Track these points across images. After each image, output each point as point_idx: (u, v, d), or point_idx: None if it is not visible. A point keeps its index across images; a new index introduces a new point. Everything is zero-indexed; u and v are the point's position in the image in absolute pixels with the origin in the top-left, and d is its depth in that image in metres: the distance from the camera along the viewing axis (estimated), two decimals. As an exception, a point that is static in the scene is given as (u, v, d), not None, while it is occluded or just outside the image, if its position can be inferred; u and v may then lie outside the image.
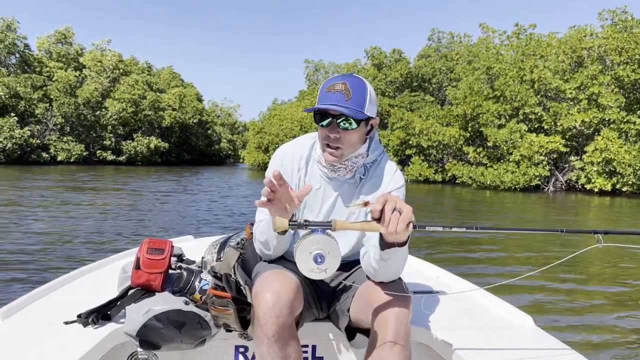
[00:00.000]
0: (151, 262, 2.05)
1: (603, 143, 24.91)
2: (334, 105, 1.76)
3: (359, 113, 1.78)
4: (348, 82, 1.80)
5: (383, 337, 1.66)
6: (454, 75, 36.22)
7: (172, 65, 73.15)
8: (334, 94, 1.77)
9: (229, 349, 2.18)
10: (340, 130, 1.81)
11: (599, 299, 5.52)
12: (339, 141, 1.82)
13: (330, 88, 1.80)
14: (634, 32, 27.08)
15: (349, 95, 1.77)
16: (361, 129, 1.85)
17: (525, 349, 1.93)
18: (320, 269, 1.44)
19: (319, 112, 1.81)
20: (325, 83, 1.86)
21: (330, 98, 1.78)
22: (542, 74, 27.65)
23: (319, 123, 1.83)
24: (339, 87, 1.78)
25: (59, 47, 48.90)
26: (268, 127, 50.21)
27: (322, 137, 1.87)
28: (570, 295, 5.63)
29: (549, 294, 5.64)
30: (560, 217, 15.04)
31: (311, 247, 1.43)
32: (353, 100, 1.78)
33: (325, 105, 1.77)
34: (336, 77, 1.84)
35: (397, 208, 1.46)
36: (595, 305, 5.28)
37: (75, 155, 44.52)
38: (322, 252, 1.43)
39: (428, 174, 32.85)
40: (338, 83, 1.79)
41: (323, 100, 1.79)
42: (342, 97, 1.77)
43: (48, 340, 1.85)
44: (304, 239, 1.45)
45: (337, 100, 1.76)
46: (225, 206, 14.27)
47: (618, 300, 5.49)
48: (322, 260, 1.43)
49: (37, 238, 7.93)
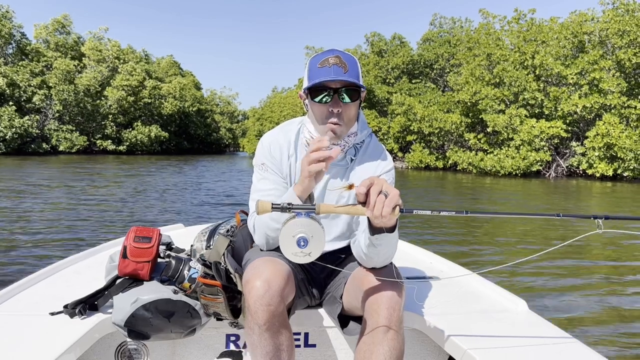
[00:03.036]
0: (138, 251, 2.00)
1: (604, 128, 24.85)
2: (340, 77, 1.71)
3: (358, 83, 1.75)
4: (341, 56, 1.76)
5: (376, 324, 1.63)
6: (455, 60, 36.05)
7: (172, 55, 72.96)
8: (330, 68, 1.72)
9: (220, 338, 2.15)
10: (342, 104, 1.76)
11: (594, 284, 5.50)
12: (340, 116, 1.78)
13: (324, 63, 1.74)
14: (636, 15, 26.86)
15: (346, 67, 1.73)
16: (357, 102, 1.82)
17: (519, 334, 1.92)
18: (304, 252, 1.41)
19: (319, 87, 1.75)
20: (314, 60, 1.79)
21: (326, 72, 1.72)
22: (544, 60, 27.50)
23: (317, 100, 1.77)
24: (334, 61, 1.73)
25: (57, 37, 48.65)
26: (268, 113, 50.17)
27: (321, 115, 1.80)
28: (566, 280, 5.61)
29: (546, 279, 5.62)
30: (563, 202, 15.02)
31: (294, 231, 1.40)
32: (350, 72, 1.74)
33: (331, 77, 1.71)
34: (324, 53, 1.79)
35: (382, 191, 1.42)
36: (591, 290, 5.26)
37: (78, 146, 44.53)
38: (306, 235, 1.40)
39: (429, 160, 32.83)
40: (331, 57, 1.74)
41: (318, 75, 1.73)
42: (340, 70, 1.72)
43: (34, 332, 1.81)
44: (287, 222, 1.42)
45: (335, 74, 1.71)
46: (224, 195, 14.26)
47: (613, 285, 5.48)
48: (306, 244, 1.40)
49: (24, 228, 7.86)
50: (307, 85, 1.74)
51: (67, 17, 49.62)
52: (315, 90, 1.77)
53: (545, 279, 5.62)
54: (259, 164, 1.93)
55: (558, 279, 5.63)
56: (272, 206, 1.41)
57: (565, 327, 2.03)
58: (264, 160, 1.92)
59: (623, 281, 5.64)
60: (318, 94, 1.76)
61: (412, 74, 40.20)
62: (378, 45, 41.52)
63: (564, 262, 6.45)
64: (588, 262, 6.59)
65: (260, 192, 1.89)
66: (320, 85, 1.74)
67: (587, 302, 4.80)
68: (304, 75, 1.87)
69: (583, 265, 6.43)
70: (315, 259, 1.45)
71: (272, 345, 1.64)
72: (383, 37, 42.07)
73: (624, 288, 5.35)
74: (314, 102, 1.79)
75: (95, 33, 51.50)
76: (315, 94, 1.77)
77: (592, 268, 6.29)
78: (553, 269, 6.07)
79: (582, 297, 4.95)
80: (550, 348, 1.80)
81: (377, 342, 1.62)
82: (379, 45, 41.48)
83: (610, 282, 5.61)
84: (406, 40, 42.18)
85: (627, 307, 4.64)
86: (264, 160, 1.92)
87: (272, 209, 1.41)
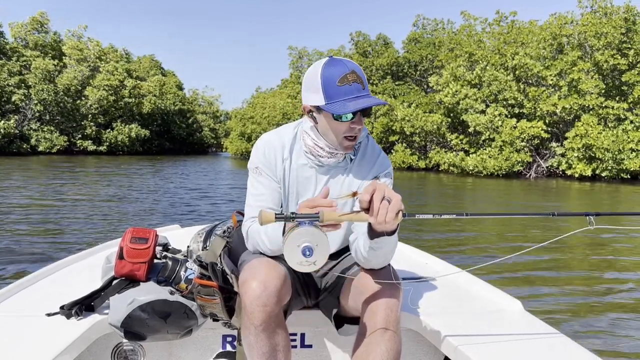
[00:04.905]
0: (135, 252, 2.00)
1: (583, 129, 25.26)
2: (361, 99, 1.70)
3: (376, 97, 1.77)
4: (355, 70, 1.73)
5: (373, 325, 1.65)
6: (438, 62, 36.33)
7: (154, 54, 72.18)
8: (350, 86, 1.70)
9: (216, 339, 2.16)
10: (362, 119, 1.77)
11: (588, 281, 5.60)
12: (359, 130, 1.79)
13: (343, 80, 1.70)
14: (613, 18, 27.40)
15: (363, 83, 1.72)
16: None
17: (514, 334, 1.93)
18: (309, 261, 1.40)
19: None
20: (328, 76, 1.73)
21: (349, 91, 1.70)
22: (523, 61, 27.86)
23: (338, 119, 1.74)
24: (352, 78, 1.71)
25: (35, 35, 47.78)
26: (251, 113, 49.93)
27: (340, 131, 1.77)
28: (560, 278, 5.70)
29: (539, 277, 5.71)
30: (546, 202, 15.23)
31: (299, 240, 1.39)
32: (366, 86, 1.74)
33: (356, 102, 1.69)
34: (337, 67, 1.73)
35: (385, 197, 1.43)
36: (584, 288, 5.35)
37: (57, 146, 43.82)
38: (311, 244, 1.39)
39: (411, 161, 32.99)
40: (348, 74, 1.71)
41: (341, 94, 1.70)
42: (359, 87, 1.71)
43: (30, 333, 1.80)
44: (291, 232, 1.40)
45: (357, 92, 1.70)
46: (212, 195, 14.18)
47: (607, 282, 5.58)
48: (311, 253, 1.38)
49: (19, 229, 7.78)
50: (339, 110, 1.70)
51: (44, 15, 48.68)
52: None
53: (538, 276, 5.72)
54: (253, 167, 1.92)
55: (551, 277, 5.73)
56: (275, 216, 1.39)
57: (560, 326, 2.07)
58: (257, 164, 1.90)
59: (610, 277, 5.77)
60: (343, 114, 1.73)
61: (396, 75, 40.38)
62: (362, 46, 41.60)
63: (556, 259, 6.57)
64: (580, 259, 6.74)
65: (254, 196, 1.89)
66: (363, 109, 1.71)
67: (583, 301, 4.87)
68: (306, 85, 1.82)
69: (575, 261, 6.57)
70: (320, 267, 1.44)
71: (269, 346, 1.65)
72: (368, 37, 42.16)
73: (622, 285, 5.45)
74: (332, 119, 1.76)
75: (74, 31, 50.70)
76: (337, 115, 1.73)
77: (585, 264, 6.42)
78: (547, 266, 6.20)
79: (579, 296, 5.02)
80: (545, 348, 1.82)
81: (374, 343, 1.63)
82: (363, 46, 41.56)
83: (606, 279, 5.72)
84: (391, 41, 42.35)
85: (625, 308, 4.72)
86: (257, 164, 1.90)
87: (276, 219, 1.40)
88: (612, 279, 5.75)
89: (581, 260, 6.76)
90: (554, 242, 1.93)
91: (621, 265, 6.50)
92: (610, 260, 6.76)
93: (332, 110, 1.72)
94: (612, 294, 5.17)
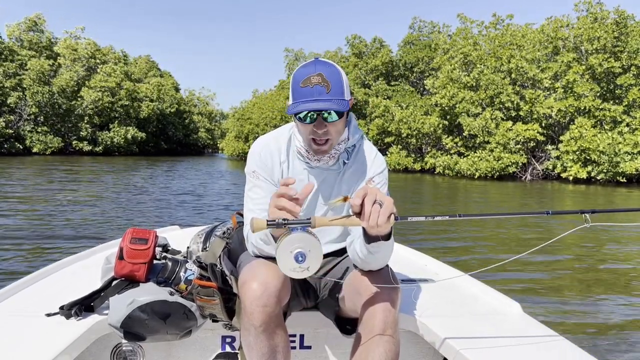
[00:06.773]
0: (135, 252, 2.00)
1: (578, 132, 25.35)
2: (317, 102, 1.65)
3: (342, 103, 1.68)
4: (324, 73, 1.67)
5: (372, 326, 1.66)
6: (435, 64, 36.42)
7: (149, 55, 72.02)
8: (312, 89, 1.66)
9: (215, 340, 2.16)
10: (327, 123, 1.72)
11: (585, 282, 5.63)
12: (327, 134, 1.74)
13: (306, 82, 1.67)
14: (606, 23, 27.55)
15: (329, 86, 1.66)
16: (344, 116, 1.78)
17: (513, 336, 1.94)
18: (302, 267, 1.39)
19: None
20: (296, 76, 1.72)
21: (308, 93, 1.67)
22: (519, 63, 27.96)
23: (301, 121, 1.73)
24: (316, 80, 1.66)
25: (31, 35, 47.63)
26: (248, 114, 49.92)
27: (306, 133, 1.77)
28: (558, 279, 5.71)
29: (537, 279, 5.71)
30: (541, 204, 15.25)
31: (292, 246, 1.38)
32: (333, 90, 1.67)
33: (309, 104, 1.66)
34: (306, 68, 1.71)
35: (377, 201, 1.42)
36: (582, 288, 5.38)
37: (52, 148, 43.66)
38: (303, 250, 1.38)
39: (407, 163, 33.02)
40: (313, 75, 1.67)
41: (300, 96, 1.68)
42: (322, 90, 1.66)
43: (30, 333, 1.80)
44: (283, 238, 1.39)
45: (318, 95, 1.66)
46: (212, 195, 14.16)
47: (605, 282, 5.60)
48: (304, 258, 1.38)
49: (18, 230, 7.74)
50: (291, 110, 1.69)
51: (40, 16, 48.66)
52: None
53: (536, 277, 5.73)
54: (250, 171, 1.91)
55: (549, 278, 5.74)
56: (267, 223, 1.39)
57: (559, 329, 2.07)
58: (254, 168, 1.89)
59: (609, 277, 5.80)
60: (302, 116, 1.72)
61: (390, 76, 40.43)
62: (358, 47, 41.69)
63: (554, 259, 6.59)
64: (577, 259, 6.76)
65: (252, 200, 1.88)
66: (306, 109, 1.68)
67: (581, 301, 4.88)
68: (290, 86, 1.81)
69: (573, 262, 6.59)
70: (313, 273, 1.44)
71: (268, 347, 1.65)
72: (364, 39, 42.27)
73: (620, 285, 5.47)
74: (297, 121, 1.76)
75: (71, 32, 50.60)
76: (298, 115, 1.72)
77: (582, 265, 6.44)
78: (544, 267, 6.21)
79: (576, 297, 5.04)
80: (543, 350, 1.83)
81: (372, 345, 1.64)
82: (359, 47, 41.65)
83: (604, 279, 5.75)
84: (386, 44, 42.47)
85: (623, 309, 4.73)
86: (254, 168, 1.89)
87: (268, 226, 1.39)
88: (611, 279, 5.77)
89: (578, 260, 6.79)
90: (551, 243, 1.93)
91: (619, 264, 6.53)
92: (608, 260, 6.80)
93: (288, 110, 1.73)
94: (612, 294, 5.18)
